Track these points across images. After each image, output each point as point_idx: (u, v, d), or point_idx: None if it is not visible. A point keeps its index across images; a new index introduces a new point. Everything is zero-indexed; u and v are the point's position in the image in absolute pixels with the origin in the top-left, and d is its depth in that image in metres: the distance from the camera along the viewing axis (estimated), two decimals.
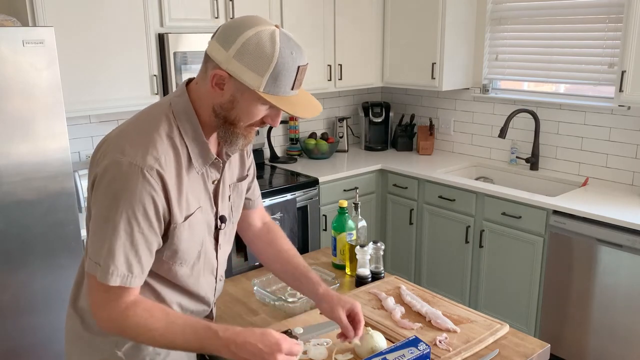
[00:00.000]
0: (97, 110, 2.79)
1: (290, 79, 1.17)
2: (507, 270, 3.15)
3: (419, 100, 4.24)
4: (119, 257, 1.16)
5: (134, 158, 1.16)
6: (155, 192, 1.17)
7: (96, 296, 1.20)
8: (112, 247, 1.15)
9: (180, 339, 1.19)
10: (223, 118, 1.23)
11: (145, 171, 1.15)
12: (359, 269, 1.87)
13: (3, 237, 2.27)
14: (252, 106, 1.20)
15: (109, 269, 1.16)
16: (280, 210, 3.18)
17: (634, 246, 2.59)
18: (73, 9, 2.61)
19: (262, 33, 1.15)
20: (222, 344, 1.18)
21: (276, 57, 1.14)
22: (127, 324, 1.19)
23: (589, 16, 3.21)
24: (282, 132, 4.01)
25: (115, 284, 1.16)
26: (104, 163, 1.18)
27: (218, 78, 1.18)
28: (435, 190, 3.44)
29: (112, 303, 1.19)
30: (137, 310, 1.19)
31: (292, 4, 3.43)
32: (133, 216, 1.16)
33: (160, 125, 1.22)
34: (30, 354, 2.42)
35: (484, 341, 1.51)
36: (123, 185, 1.15)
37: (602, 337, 2.78)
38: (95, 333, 1.33)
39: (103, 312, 1.20)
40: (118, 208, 1.15)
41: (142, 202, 1.16)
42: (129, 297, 1.20)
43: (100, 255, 1.16)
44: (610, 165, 3.23)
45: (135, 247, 1.18)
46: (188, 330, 1.19)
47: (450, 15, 3.58)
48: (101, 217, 1.17)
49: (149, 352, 1.33)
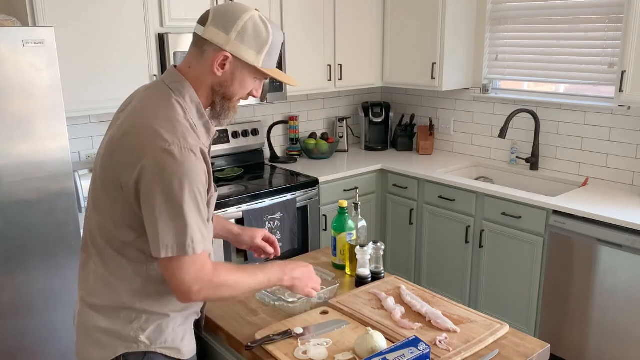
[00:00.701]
0: (97, 110, 2.79)
1: (277, 54, 1.41)
2: (507, 270, 3.15)
3: (419, 100, 4.24)
4: (195, 230, 1.28)
5: (179, 142, 1.26)
6: (205, 168, 1.31)
7: (186, 274, 1.29)
8: (190, 223, 1.27)
9: (255, 281, 1.42)
10: (221, 94, 1.39)
11: (195, 150, 1.27)
12: (359, 269, 1.87)
13: (3, 237, 2.27)
14: (247, 80, 1.40)
15: (193, 242, 1.28)
16: (280, 210, 3.18)
17: (634, 246, 2.59)
18: (73, 9, 2.61)
19: (254, 17, 1.35)
20: (282, 271, 1.49)
21: (271, 37, 1.36)
22: (219, 282, 1.34)
23: (589, 16, 3.21)
24: (282, 132, 4.01)
25: (200, 252, 1.29)
26: (151, 155, 1.24)
27: (223, 58, 1.34)
28: (435, 190, 3.44)
29: (202, 272, 1.31)
30: (221, 271, 1.36)
31: (292, 3, 3.43)
32: (198, 192, 1.28)
33: (177, 111, 1.33)
34: (30, 354, 2.42)
35: (484, 341, 1.50)
36: (182, 169, 1.24)
37: (602, 337, 2.78)
38: (117, 323, 1.37)
39: (197, 284, 1.30)
40: (184, 189, 1.25)
41: (200, 178, 1.28)
42: (209, 262, 1.34)
43: (182, 235, 1.26)
44: (610, 165, 3.23)
45: (202, 217, 1.31)
46: (258, 272, 1.43)
47: (450, 15, 3.58)
48: (170, 203, 1.25)
49: (170, 333, 1.42)
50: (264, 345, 1.48)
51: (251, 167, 3.69)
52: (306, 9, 3.51)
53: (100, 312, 1.39)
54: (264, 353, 1.47)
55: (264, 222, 3.10)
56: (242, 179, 3.41)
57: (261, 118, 3.86)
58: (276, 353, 1.45)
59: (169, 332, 1.42)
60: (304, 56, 3.55)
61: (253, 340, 1.51)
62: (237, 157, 3.67)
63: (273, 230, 3.16)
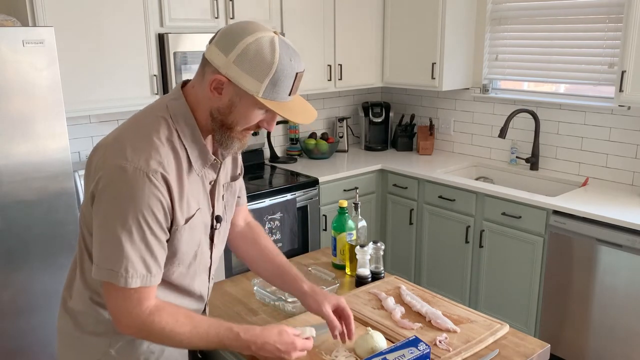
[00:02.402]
0: (97, 110, 2.79)
1: (288, 85, 1.20)
2: (507, 270, 3.15)
3: (419, 100, 4.24)
4: (135, 260, 1.17)
5: (137, 163, 1.16)
6: (162, 195, 1.19)
7: (117, 304, 1.20)
8: (127, 252, 1.16)
9: (204, 341, 1.26)
10: (220, 122, 1.24)
11: (151, 175, 1.16)
12: (359, 269, 1.87)
13: (3, 237, 2.27)
14: (249, 111, 1.22)
15: (127, 273, 1.17)
16: (280, 210, 3.18)
17: (634, 246, 2.59)
18: (73, 9, 2.61)
19: (262, 39, 1.17)
20: (243, 345, 1.29)
21: (276, 63, 1.17)
22: (153, 330, 1.21)
23: (589, 16, 3.21)
24: (282, 132, 4.01)
25: (136, 286, 1.18)
26: (107, 170, 1.17)
27: (217, 83, 1.20)
28: (435, 190, 3.44)
29: (135, 310, 1.20)
30: (162, 317, 1.22)
31: (292, 4, 3.43)
32: (144, 220, 1.17)
33: (160, 129, 1.22)
34: (30, 354, 2.42)
35: (484, 341, 1.50)
36: (130, 190, 1.15)
37: (602, 337, 2.78)
38: (88, 333, 1.33)
39: (126, 319, 1.21)
40: (128, 213, 1.15)
41: (150, 206, 1.17)
42: (150, 301, 1.21)
43: (116, 262, 1.16)
44: (610, 165, 3.23)
45: (150, 248, 1.19)
46: (212, 333, 1.26)
47: (450, 15, 3.58)
48: (111, 223, 1.16)
49: (143, 351, 1.34)
50: None
51: (251, 167, 3.69)
52: (306, 9, 3.51)
53: (75, 318, 1.35)
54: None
55: (264, 222, 3.10)
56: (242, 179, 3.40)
57: None
58: None
59: (142, 350, 1.34)
60: (304, 56, 3.54)
61: None
62: None
63: (273, 230, 3.16)
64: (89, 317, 1.33)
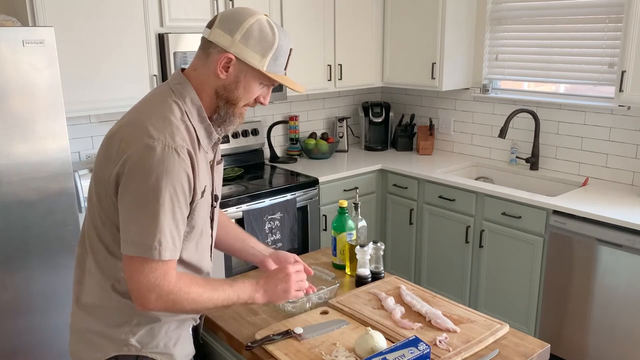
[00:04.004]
0: (97, 110, 2.79)
1: (284, 59, 1.36)
2: (507, 270, 3.15)
3: (419, 100, 4.24)
4: (165, 234, 1.23)
5: (165, 140, 1.24)
6: (189, 169, 1.27)
7: (144, 278, 1.24)
8: (161, 225, 1.23)
9: (222, 297, 1.35)
10: (225, 98, 1.35)
11: (179, 150, 1.25)
12: (359, 269, 1.87)
13: (3, 237, 2.27)
14: (252, 85, 1.36)
15: (161, 245, 1.23)
16: (280, 210, 3.18)
17: (634, 246, 2.59)
18: (73, 9, 2.61)
19: (261, 20, 1.32)
20: (253, 289, 1.42)
21: (277, 40, 1.32)
22: (180, 297, 1.28)
23: (589, 16, 3.21)
24: (282, 132, 4.01)
25: (167, 259, 1.24)
26: (134, 149, 1.23)
27: (226, 61, 1.31)
28: (435, 190, 3.44)
29: (162, 282, 1.25)
30: (184, 282, 1.29)
31: (292, 3, 3.43)
32: (174, 194, 1.24)
33: (173, 110, 1.31)
34: (30, 354, 2.42)
35: (484, 341, 1.51)
36: (161, 166, 1.22)
37: (602, 337, 2.78)
38: (108, 326, 1.36)
39: (154, 292, 1.25)
40: (161, 188, 1.22)
41: (180, 180, 1.24)
42: (174, 272, 1.28)
43: (149, 235, 1.22)
44: (610, 165, 3.23)
45: (176, 222, 1.26)
46: (226, 288, 1.36)
47: (450, 15, 3.58)
48: (143, 199, 1.22)
49: (162, 337, 1.40)
50: (264, 345, 1.49)
51: (251, 167, 3.69)
52: (306, 9, 3.51)
53: (92, 313, 1.37)
54: (264, 353, 1.47)
55: (263, 222, 3.10)
56: (242, 179, 3.41)
57: (261, 118, 3.86)
58: (276, 353, 1.45)
59: (161, 336, 1.40)
60: (304, 56, 3.55)
61: (253, 340, 1.51)
62: (237, 157, 3.67)
63: (273, 230, 3.16)
64: (108, 309, 1.36)
